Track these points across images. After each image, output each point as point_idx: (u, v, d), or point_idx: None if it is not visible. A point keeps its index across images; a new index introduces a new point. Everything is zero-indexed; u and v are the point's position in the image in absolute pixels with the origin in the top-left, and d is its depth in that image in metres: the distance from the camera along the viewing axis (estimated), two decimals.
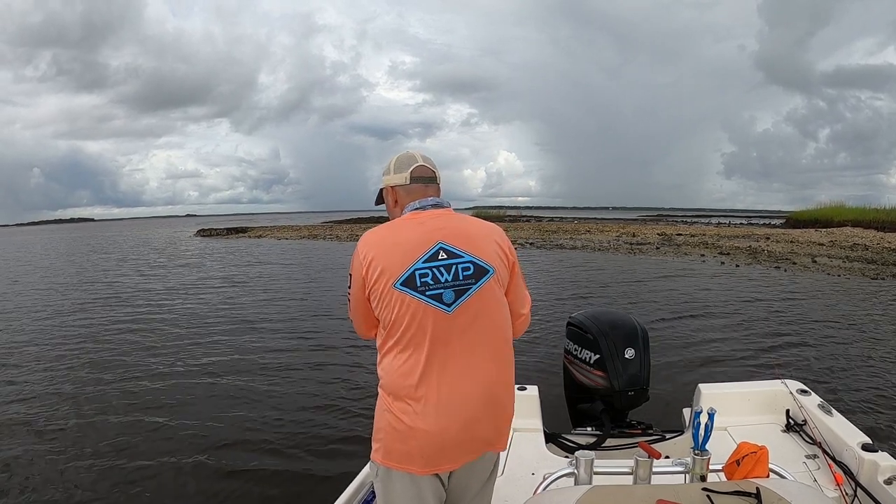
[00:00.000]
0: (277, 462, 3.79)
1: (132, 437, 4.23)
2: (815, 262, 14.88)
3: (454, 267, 1.35)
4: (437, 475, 1.36)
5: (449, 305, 1.33)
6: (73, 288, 13.75)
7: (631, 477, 1.44)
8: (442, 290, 1.33)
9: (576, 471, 1.43)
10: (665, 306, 9.12)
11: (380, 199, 1.58)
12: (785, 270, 13.54)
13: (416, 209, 1.44)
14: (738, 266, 14.59)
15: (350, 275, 1.42)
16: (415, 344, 1.33)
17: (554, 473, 1.46)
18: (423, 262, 1.33)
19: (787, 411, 2.46)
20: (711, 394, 2.53)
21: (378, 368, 1.41)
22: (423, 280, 1.32)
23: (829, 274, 12.81)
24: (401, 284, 1.32)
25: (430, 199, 1.45)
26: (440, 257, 1.35)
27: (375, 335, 1.44)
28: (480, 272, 1.37)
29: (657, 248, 20.35)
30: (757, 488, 1.16)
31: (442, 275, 1.33)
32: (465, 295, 1.35)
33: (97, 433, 4.38)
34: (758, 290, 10.86)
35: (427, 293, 1.32)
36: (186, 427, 4.42)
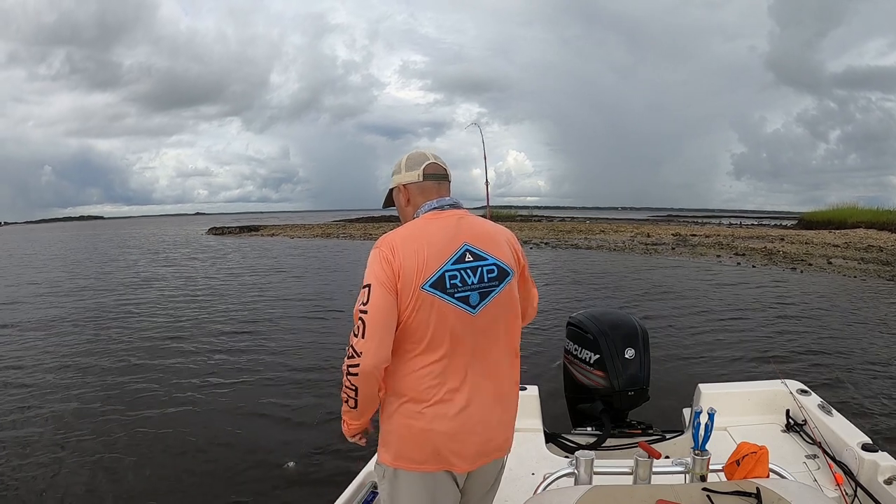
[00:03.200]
0: (276, 462, 3.79)
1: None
2: (830, 263, 14.84)
3: (480, 269, 1.35)
4: (451, 474, 1.35)
5: (474, 307, 1.33)
6: (123, 279, 14.75)
7: (631, 477, 1.44)
8: (469, 293, 1.32)
9: (576, 471, 1.43)
10: (675, 306, 9.14)
11: (388, 202, 1.53)
12: (801, 272, 13.49)
13: (436, 209, 1.40)
14: (754, 267, 14.54)
15: (368, 286, 1.29)
16: (437, 346, 1.31)
17: (554, 473, 1.47)
18: (452, 264, 1.32)
19: (787, 411, 2.46)
20: (711, 394, 2.53)
21: (394, 371, 1.35)
22: (452, 282, 1.31)
23: (844, 275, 12.77)
24: (430, 286, 1.29)
25: (447, 198, 1.43)
26: (467, 259, 1.34)
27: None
28: (503, 275, 1.38)
29: (672, 248, 20.26)
30: (757, 488, 1.16)
31: (469, 277, 1.33)
32: (489, 297, 1.35)
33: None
34: (770, 290, 10.85)
35: (456, 295, 1.31)
36: (183, 421, 4.46)
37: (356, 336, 1.27)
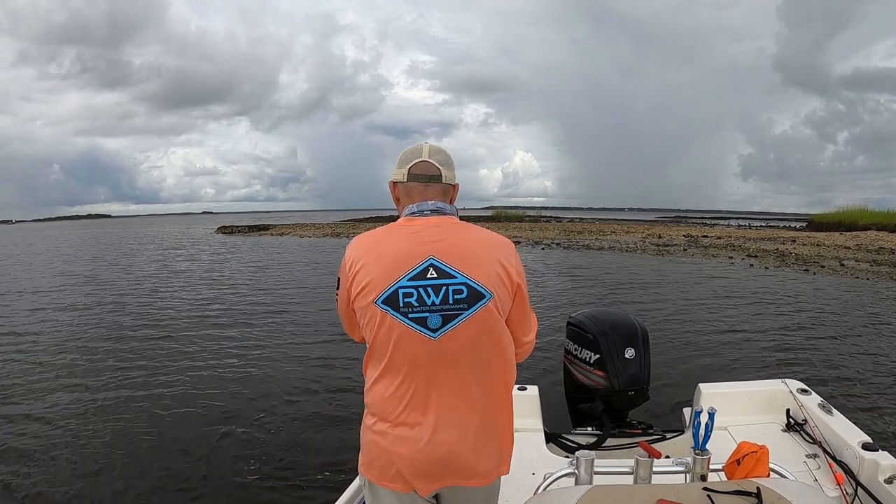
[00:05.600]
0: (272, 470, 3.78)
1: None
2: (842, 265, 14.89)
3: (444, 288, 1.20)
4: (418, 496, 1.31)
5: (434, 331, 1.20)
6: (152, 272, 15.91)
7: (631, 477, 1.44)
8: (427, 314, 1.19)
9: (576, 471, 1.43)
10: (685, 306, 9.20)
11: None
12: (814, 274, 13.52)
13: (413, 214, 1.29)
14: (766, 268, 14.56)
15: (339, 278, 1.32)
16: (397, 368, 1.23)
17: (554, 473, 1.46)
18: (409, 280, 1.19)
19: (788, 411, 2.46)
20: (712, 393, 2.53)
21: (365, 383, 1.35)
22: (406, 300, 1.19)
23: (856, 277, 12.82)
24: (382, 302, 1.20)
25: (430, 203, 1.29)
26: (429, 276, 1.20)
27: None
28: (475, 297, 1.21)
29: (684, 249, 20.34)
30: (757, 488, 1.16)
31: (429, 296, 1.19)
32: (455, 321, 1.20)
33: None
34: (780, 291, 10.89)
35: (410, 315, 1.19)
36: (183, 417, 4.52)
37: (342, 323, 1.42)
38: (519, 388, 2.62)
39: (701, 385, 2.60)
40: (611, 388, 2.66)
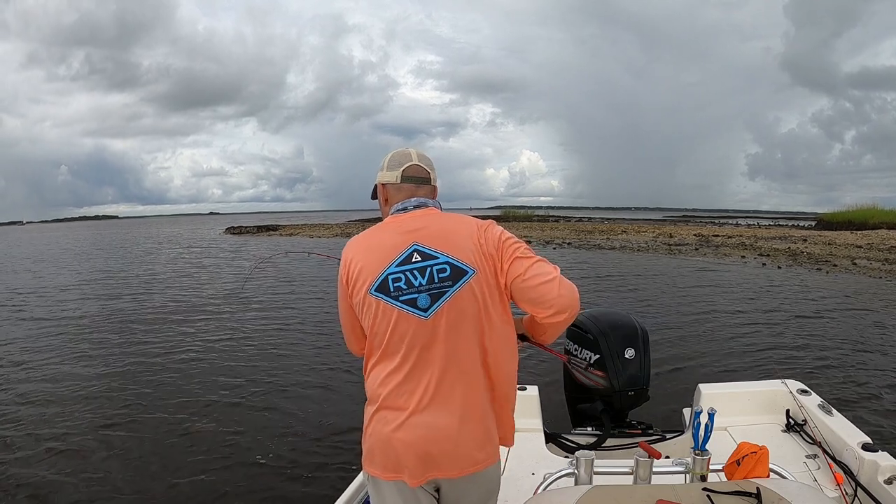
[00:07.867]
0: (272, 468, 3.79)
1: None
2: (854, 264, 14.86)
3: (429, 269, 1.28)
4: (423, 487, 1.31)
5: (425, 311, 1.27)
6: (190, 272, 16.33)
7: (631, 477, 1.44)
8: (416, 295, 1.27)
9: (576, 471, 1.43)
10: (697, 305, 9.19)
11: (375, 194, 1.52)
12: (826, 273, 13.48)
13: (399, 211, 1.39)
14: (779, 268, 14.52)
15: (338, 289, 1.40)
16: (393, 352, 1.29)
17: (554, 473, 1.46)
18: (396, 266, 1.29)
19: (788, 411, 2.46)
20: (711, 394, 2.53)
21: (364, 376, 1.38)
22: (395, 285, 1.28)
23: (870, 276, 12.80)
24: (375, 290, 1.29)
25: (413, 199, 1.39)
26: (414, 260, 1.29)
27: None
28: (458, 273, 1.28)
29: (696, 248, 20.32)
30: (757, 488, 1.16)
31: (416, 278, 1.28)
32: (442, 299, 1.27)
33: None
34: (790, 290, 10.86)
35: (400, 298, 1.27)
36: (182, 413, 4.52)
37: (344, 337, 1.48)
38: (519, 388, 2.62)
39: (701, 385, 2.60)
40: (611, 389, 2.65)
